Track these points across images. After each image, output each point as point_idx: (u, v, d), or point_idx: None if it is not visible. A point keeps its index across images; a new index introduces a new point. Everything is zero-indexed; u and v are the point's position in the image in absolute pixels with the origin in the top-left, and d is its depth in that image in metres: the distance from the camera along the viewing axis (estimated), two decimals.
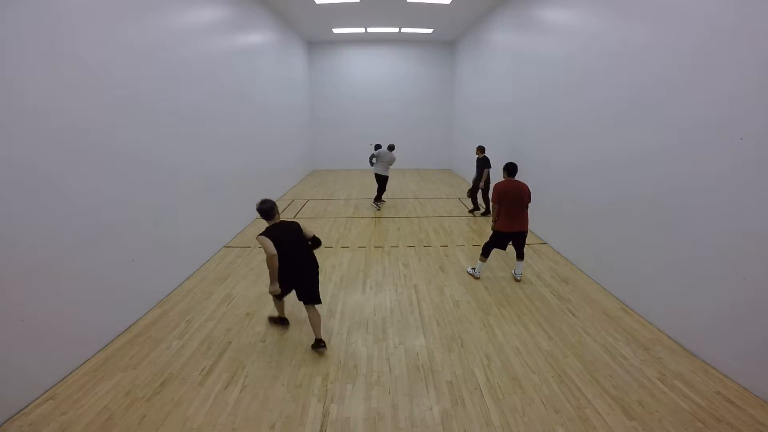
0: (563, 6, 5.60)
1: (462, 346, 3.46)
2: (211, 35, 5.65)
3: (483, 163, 7.43)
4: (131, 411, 2.69)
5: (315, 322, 3.36)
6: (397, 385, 2.96)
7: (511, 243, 4.67)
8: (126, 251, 3.75)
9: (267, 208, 3.22)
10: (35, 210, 2.79)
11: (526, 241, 4.77)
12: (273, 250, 2.99)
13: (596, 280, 4.73)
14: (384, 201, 8.64)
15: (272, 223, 3.24)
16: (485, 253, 4.76)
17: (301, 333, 3.66)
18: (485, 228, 6.90)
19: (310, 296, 3.32)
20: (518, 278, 4.76)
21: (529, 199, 4.56)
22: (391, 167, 8.29)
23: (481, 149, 7.61)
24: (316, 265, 3.38)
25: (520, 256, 4.73)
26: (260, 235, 3.07)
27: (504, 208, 4.48)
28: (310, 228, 3.47)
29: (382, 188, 8.27)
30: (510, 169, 4.66)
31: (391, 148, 8.12)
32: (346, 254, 5.68)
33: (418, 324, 3.83)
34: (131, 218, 3.82)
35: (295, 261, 3.18)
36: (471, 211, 7.93)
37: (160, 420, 2.62)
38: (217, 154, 5.83)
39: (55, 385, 2.91)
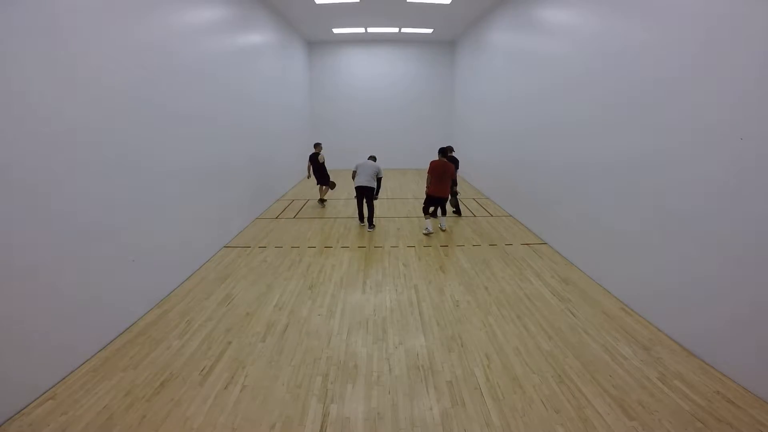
0: (563, 6, 5.60)
1: (462, 346, 3.46)
2: (211, 35, 5.64)
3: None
4: (131, 411, 2.69)
5: (325, 191, 8.63)
6: (397, 385, 2.96)
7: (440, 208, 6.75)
8: (126, 251, 3.74)
9: (314, 144, 8.53)
10: (35, 210, 2.79)
11: (525, 241, 4.86)
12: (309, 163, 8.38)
13: (596, 280, 4.73)
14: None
15: (315, 151, 8.32)
16: (425, 212, 6.63)
17: (300, 334, 3.66)
18: (485, 228, 6.91)
19: (324, 180, 8.35)
20: (443, 228, 6.65)
21: (451, 175, 6.45)
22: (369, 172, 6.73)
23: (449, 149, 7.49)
24: (325, 171, 8.35)
25: (443, 212, 6.84)
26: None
27: (434, 179, 6.32)
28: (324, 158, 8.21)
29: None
30: (441, 150, 6.60)
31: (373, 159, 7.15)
32: (346, 254, 5.68)
33: (418, 324, 3.83)
34: (131, 218, 3.82)
35: (318, 168, 8.28)
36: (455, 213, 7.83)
37: (160, 420, 2.62)
38: (218, 154, 5.82)
39: (55, 385, 2.91)
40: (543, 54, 6.25)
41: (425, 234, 6.45)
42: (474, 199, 9.27)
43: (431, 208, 6.67)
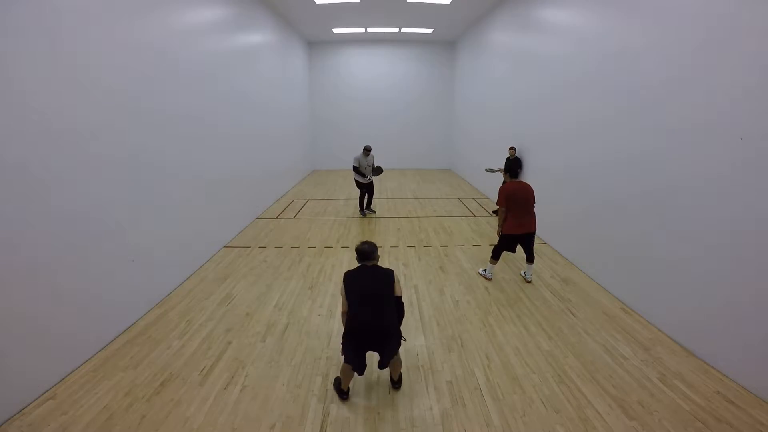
0: (563, 6, 5.60)
1: (462, 346, 3.46)
2: (211, 35, 5.65)
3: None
4: (131, 411, 2.69)
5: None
6: None
7: (520, 246, 4.60)
8: (126, 251, 3.74)
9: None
10: (35, 210, 2.79)
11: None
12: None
13: (596, 280, 4.73)
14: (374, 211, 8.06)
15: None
16: (495, 256, 4.68)
17: (300, 334, 3.65)
18: (485, 228, 6.90)
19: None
20: (528, 280, 4.66)
21: (534, 200, 4.53)
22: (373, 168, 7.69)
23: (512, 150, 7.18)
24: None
25: (529, 258, 4.62)
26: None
27: (512, 211, 4.43)
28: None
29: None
30: (512, 170, 4.68)
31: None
32: (346, 254, 5.68)
33: (418, 324, 3.82)
34: (131, 218, 3.82)
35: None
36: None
37: (160, 420, 2.62)
38: (218, 155, 5.82)
39: (55, 385, 2.91)
40: (543, 54, 6.25)
41: (483, 277, 4.83)
42: (474, 199, 9.27)
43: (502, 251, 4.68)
